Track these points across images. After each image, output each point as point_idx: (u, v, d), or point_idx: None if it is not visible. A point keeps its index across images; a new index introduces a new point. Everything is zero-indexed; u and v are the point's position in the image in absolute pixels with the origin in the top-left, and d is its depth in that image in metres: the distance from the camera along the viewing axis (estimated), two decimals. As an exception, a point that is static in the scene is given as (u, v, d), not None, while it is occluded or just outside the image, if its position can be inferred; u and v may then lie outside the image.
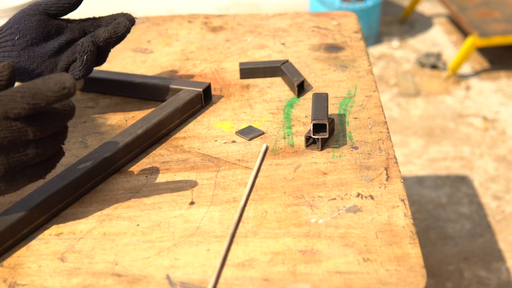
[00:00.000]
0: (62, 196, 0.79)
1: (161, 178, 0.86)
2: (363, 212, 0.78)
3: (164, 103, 0.98)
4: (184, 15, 1.38)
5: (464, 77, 2.95)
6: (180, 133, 0.96)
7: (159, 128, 0.93)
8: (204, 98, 1.03)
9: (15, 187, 0.69)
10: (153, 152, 0.92)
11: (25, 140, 0.67)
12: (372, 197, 0.80)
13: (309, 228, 0.75)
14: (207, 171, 0.87)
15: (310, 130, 0.89)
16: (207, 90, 1.03)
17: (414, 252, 0.71)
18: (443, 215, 2.09)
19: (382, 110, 0.99)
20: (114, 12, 1.01)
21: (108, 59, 1.20)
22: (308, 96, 1.04)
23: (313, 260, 0.71)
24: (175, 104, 0.97)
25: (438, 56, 3.08)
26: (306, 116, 0.99)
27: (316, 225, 0.76)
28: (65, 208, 0.81)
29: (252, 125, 0.97)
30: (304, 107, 1.01)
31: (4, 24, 0.90)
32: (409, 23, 3.54)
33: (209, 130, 0.96)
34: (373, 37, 3.27)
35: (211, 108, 1.02)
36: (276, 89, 1.07)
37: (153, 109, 1.01)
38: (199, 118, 1.00)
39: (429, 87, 2.89)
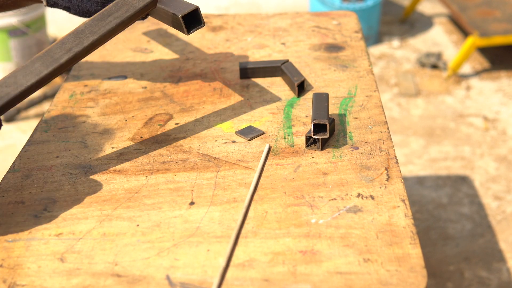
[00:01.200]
0: None
1: (161, 178, 0.86)
2: (363, 212, 0.77)
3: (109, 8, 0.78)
4: (184, 15, 1.38)
5: (464, 77, 2.94)
6: (180, 133, 0.96)
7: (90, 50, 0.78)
8: (187, 25, 0.84)
9: None
10: (153, 152, 0.92)
11: None
12: (372, 197, 0.80)
13: (309, 229, 0.75)
14: (207, 171, 0.87)
15: (310, 130, 0.89)
16: (192, 15, 0.83)
17: (414, 252, 0.71)
18: (443, 216, 2.08)
19: (383, 110, 0.99)
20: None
21: (107, 59, 1.20)
22: (308, 96, 1.04)
23: (314, 261, 0.71)
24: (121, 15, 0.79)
25: (439, 56, 3.08)
26: (306, 116, 0.99)
27: (317, 225, 0.76)
28: None
29: (252, 125, 0.97)
30: (305, 107, 1.01)
31: None
32: (410, 23, 3.54)
33: (209, 130, 0.96)
34: (374, 36, 3.26)
35: (211, 108, 1.02)
36: (276, 89, 1.07)
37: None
38: (199, 118, 1.00)
39: (429, 87, 2.88)
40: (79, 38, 0.76)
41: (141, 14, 0.81)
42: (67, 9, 0.94)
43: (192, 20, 0.84)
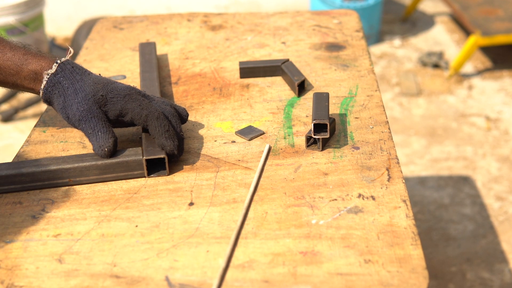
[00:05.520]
0: None
1: (160, 178, 0.85)
2: (364, 213, 0.77)
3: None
4: (183, 13, 1.37)
5: (466, 76, 2.94)
6: (180, 133, 0.95)
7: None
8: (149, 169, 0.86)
9: None
10: (152, 152, 0.91)
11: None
12: (373, 198, 0.79)
13: (309, 229, 0.74)
14: (207, 171, 0.86)
15: (310, 130, 0.89)
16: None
17: (416, 253, 0.70)
18: (445, 216, 2.08)
19: (384, 110, 0.98)
20: (112, 11, 0.99)
21: (106, 58, 1.20)
22: (308, 96, 1.03)
23: (314, 262, 0.70)
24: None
25: (440, 55, 3.07)
26: (306, 116, 0.98)
27: (317, 226, 0.75)
28: None
29: (252, 125, 0.96)
30: (305, 106, 1.00)
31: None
32: (411, 22, 3.53)
33: (208, 130, 0.96)
34: (375, 36, 3.25)
35: (211, 108, 1.02)
36: (277, 88, 1.06)
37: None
38: (199, 118, 0.99)
39: (431, 86, 2.88)
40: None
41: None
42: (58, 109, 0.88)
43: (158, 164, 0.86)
